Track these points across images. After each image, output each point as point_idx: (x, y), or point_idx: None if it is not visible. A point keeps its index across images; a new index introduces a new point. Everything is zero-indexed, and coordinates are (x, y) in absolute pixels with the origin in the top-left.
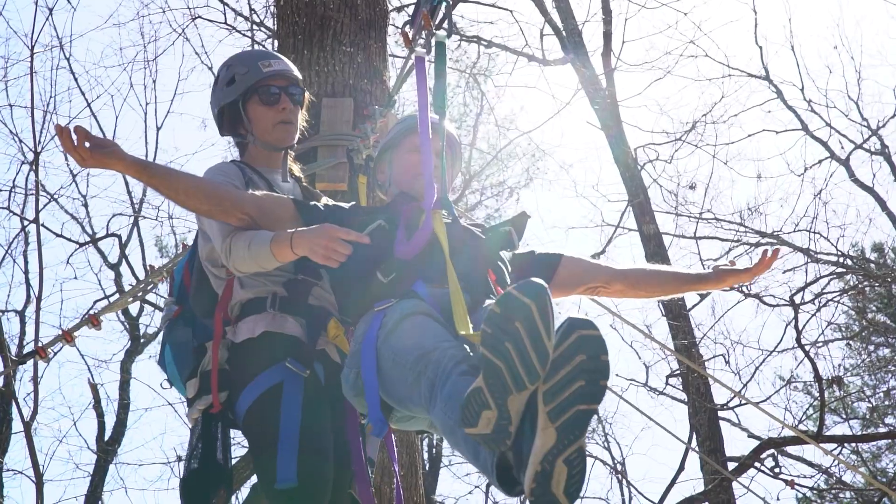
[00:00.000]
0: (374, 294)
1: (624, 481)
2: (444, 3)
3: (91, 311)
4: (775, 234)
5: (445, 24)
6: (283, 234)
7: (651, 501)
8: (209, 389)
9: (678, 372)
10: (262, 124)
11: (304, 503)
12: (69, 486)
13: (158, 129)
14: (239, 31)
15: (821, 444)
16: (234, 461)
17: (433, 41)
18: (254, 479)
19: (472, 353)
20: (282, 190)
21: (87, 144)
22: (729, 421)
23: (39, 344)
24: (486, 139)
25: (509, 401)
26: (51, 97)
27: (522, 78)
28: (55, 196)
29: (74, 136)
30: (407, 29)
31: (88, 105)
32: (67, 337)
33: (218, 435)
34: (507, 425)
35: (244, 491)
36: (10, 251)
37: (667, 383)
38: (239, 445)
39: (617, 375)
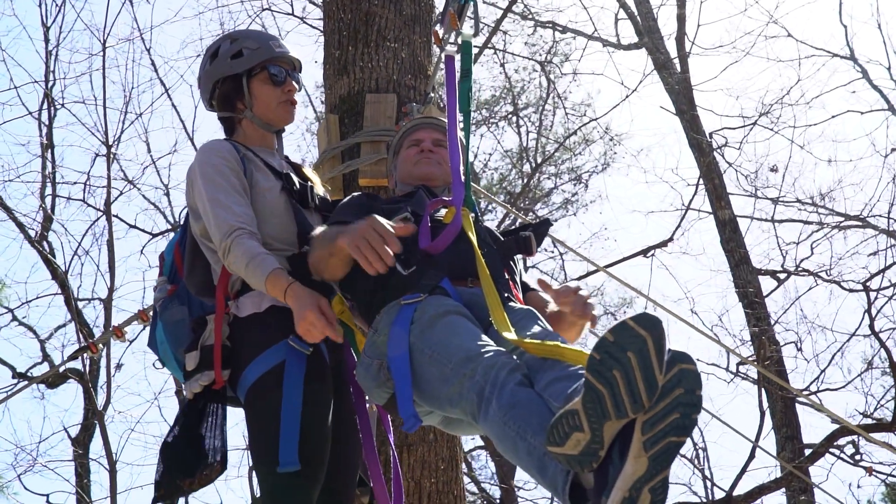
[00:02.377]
0: (392, 285)
1: (705, 467)
2: (471, 2)
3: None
4: (857, 217)
5: (472, 23)
6: (281, 277)
7: (722, 489)
8: (210, 364)
9: (752, 358)
10: (264, 102)
11: (303, 487)
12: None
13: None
14: (307, 23)
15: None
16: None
17: (460, 40)
18: None
19: (515, 358)
20: (273, 168)
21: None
22: (811, 405)
23: (106, 333)
24: (562, 125)
25: (606, 426)
26: (132, 88)
27: (590, 64)
28: (135, 183)
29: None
30: (437, 28)
31: (167, 92)
32: (118, 332)
33: (209, 411)
34: (599, 449)
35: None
36: (96, 241)
37: (737, 372)
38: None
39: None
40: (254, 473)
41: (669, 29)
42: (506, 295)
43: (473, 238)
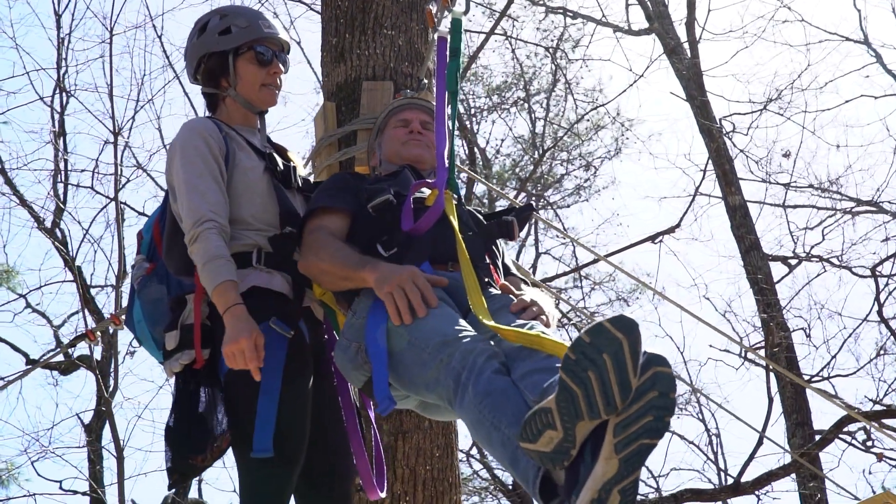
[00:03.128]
0: None
1: (718, 453)
2: None
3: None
4: (870, 202)
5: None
6: (230, 292)
7: (731, 477)
8: (191, 344)
9: (760, 344)
10: (248, 81)
11: (278, 472)
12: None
13: None
14: (314, 10)
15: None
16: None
17: (450, 18)
18: None
19: (493, 344)
20: (256, 148)
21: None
22: (824, 392)
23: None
24: (573, 111)
25: (578, 426)
26: (143, 75)
27: (599, 50)
28: (145, 169)
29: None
30: (431, 7)
31: (178, 78)
32: (115, 320)
33: (201, 393)
34: (570, 448)
35: None
36: (109, 228)
37: (745, 357)
38: None
39: (710, 346)
40: None
41: (680, 14)
42: (486, 280)
43: (455, 221)
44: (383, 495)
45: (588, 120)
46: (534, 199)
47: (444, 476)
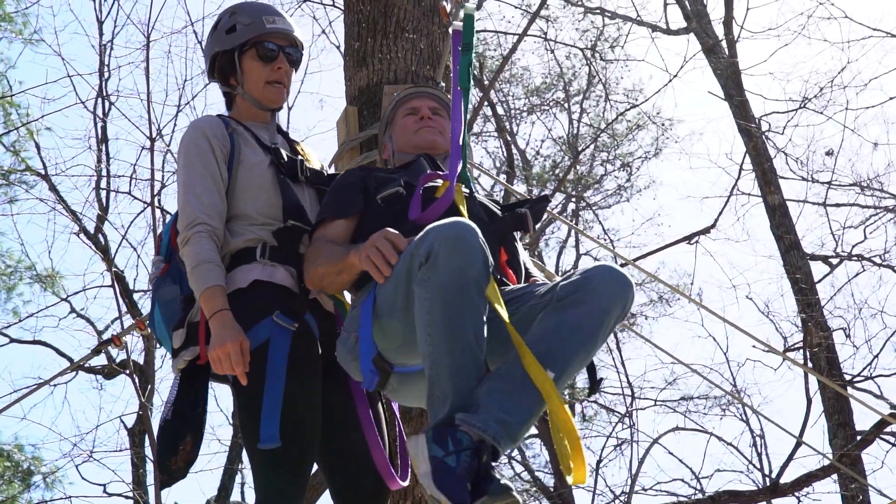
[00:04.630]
0: None
1: (763, 454)
2: None
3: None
4: None
5: None
6: (217, 297)
7: (767, 476)
8: (196, 340)
9: (798, 346)
10: (253, 79)
11: (287, 463)
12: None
13: (290, 108)
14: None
15: None
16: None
17: (462, 13)
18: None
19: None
20: (270, 144)
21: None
22: (869, 392)
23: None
24: (614, 111)
25: None
26: (185, 80)
27: (634, 50)
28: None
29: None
30: (445, 3)
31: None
32: (140, 325)
33: (199, 387)
34: None
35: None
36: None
37: (784, 357)
38: None
39: (753, 346)
40: None
41: (718, 13)
42: (498, 276)
43: (465, 212)
44: (405, 484)
45: (627, 120)
46: (573, 199)
47: None
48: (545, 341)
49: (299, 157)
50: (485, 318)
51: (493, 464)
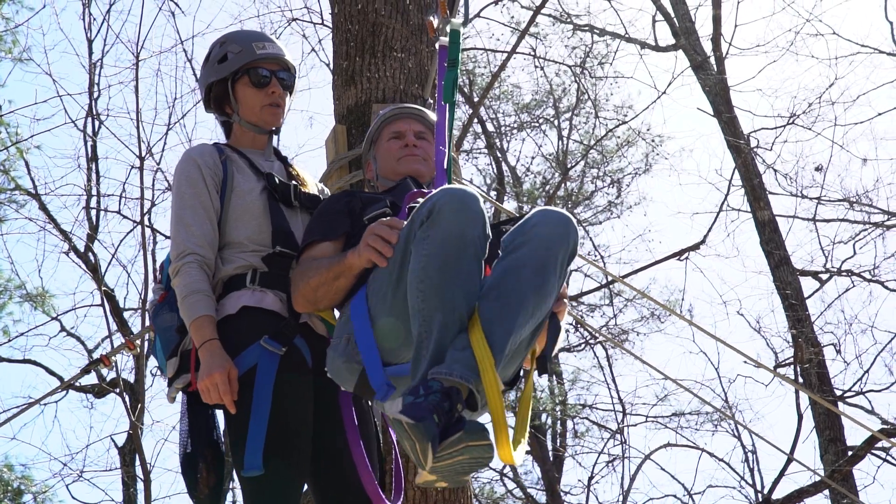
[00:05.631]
0: (363, 273)
1: (755, 469)
2: None
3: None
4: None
5: (462, 12)
6: (206, 327)
7: (759, 492)
8: (188, 368)
9: (789, 361)
10: (249, 105)
11: (274, 487)
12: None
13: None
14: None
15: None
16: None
17: (448, 28)
18: None
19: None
20: (264, 169)
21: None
22: (860, 407)
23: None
24: (603, 127)
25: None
26: (175, 98)
27: (623, 67)
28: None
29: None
30: (432, 18)
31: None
32: (130, 345)
33: (205, 414)
34: None
35: None
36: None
37: (775, 374)
38: None
39: (745, 362)
40: None
41: (707, 30)
42: None
43: None
44: None
45: (616, 137)
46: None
47: (456, 497)
48: (495, 289)
49: (293, 181)
50: (476, 288)
51: (472, 412)
